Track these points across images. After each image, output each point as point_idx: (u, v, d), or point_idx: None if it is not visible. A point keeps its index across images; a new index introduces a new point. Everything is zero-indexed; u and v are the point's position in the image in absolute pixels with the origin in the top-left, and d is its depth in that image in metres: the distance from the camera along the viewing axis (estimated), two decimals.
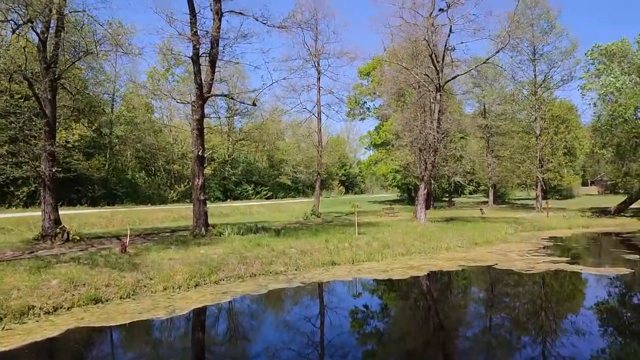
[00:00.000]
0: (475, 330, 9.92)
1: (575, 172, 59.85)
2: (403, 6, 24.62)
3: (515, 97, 39.92)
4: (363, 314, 10.87)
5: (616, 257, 17.58)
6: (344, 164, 76.47)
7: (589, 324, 9.90)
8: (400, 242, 18.18)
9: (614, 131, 29.48)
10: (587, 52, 31.81)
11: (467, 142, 43.61)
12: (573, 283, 13.82)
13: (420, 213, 26.03)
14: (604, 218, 30.92)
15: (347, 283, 13.25)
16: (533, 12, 34.24)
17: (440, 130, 25.77)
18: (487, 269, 15.21)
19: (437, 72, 24.97)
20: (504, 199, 53.90)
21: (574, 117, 52.09)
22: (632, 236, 24.52)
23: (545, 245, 20.48)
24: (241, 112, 45.53)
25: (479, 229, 23.01)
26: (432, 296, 12.81)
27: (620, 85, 27.29)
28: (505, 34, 24.48)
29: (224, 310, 10.68)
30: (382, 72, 37.79)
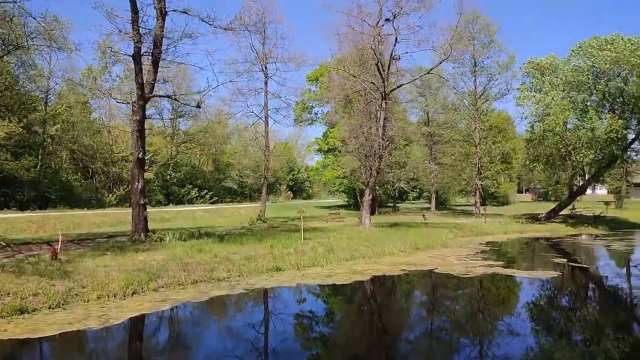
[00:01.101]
0: (417, 333, 10.16)
1: (511, 179, 63.18)
2: (351, 14, 25.02)
3: (456, 107, 41.59)
4: (307, 320, 10.83)
5: (547, 261, 18.61)
6: (292, 168, 76.47)
7: (521, 325, 10.39)
8: (345, 247, 18.33)
9: (546, 142, 31.32)
10: (521, 67, 33.69)
11: (411, 150, 44.95)
12: (508, 286, 14.48)
13: (365, 218, 26.42)
14: (536, 224, 32.70)
15: (292, 289, 13.17)
16: (474, 27, 35.89)
17: (385, 138, 26.33)
18: (428, 273, 15.63)
19: (383, 81, 25.52)
20: (446, 205, 55.81)
21: (511, 128, 55.02)
22: (560, 241, 26.11)
23: (482, 249, 21.34)
24: (186, 114, 44.45)
25: (421, 234, 23.65)
26: (376, 300, 12.99)
27: (550, 100, 29.06)
28: (448, 46, 25.43)
29: (162, 319, 10.29)
30: (330, 79, 38.19)
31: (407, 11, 24.67)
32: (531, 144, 33.70)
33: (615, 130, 27.88)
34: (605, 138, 28.49)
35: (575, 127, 30.19)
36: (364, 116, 28.62)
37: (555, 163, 32.92)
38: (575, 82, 29.64)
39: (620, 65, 27.83)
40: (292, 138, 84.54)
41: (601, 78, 29.35)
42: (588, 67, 29.18)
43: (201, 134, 45.67)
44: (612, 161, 32.21)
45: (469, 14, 33.54)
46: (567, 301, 13.17)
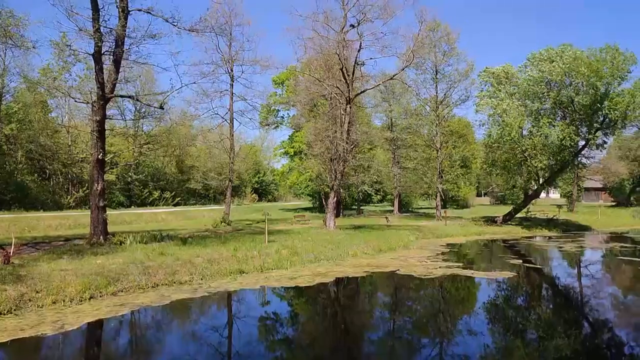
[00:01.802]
0: (380, 333, 10.39)
1: (470, 183, 64.96)
2: (316, 19, 25.27)
3: (419, 112, 42.54)
4: (271, 322, 10.89)
5: (503, 262, 19.34)
6: (258, 171, 76.03)
7: (479, 324, 10.82)
8: (309, 249, 18.47)
9: (503, 148, 32.50)
10: (479, 74, 34.84)
11: (375, 154, 45.61)
12: (467, 286, 14.99)
13: (329, 221, 26.67)
14: (494, 226, 33.84)
15: (255, 291, 13.19)
16: (435, 35, 36.87)
17: (350, 141, 26.69)
18: (390, 274, 15.98)
19: (348, 86, 25.89)
20: (409, 208, 56.90)
21: (470, 133, 56.67)
22: (516, 242, 27.17)
23: (443, 251, 21.95)
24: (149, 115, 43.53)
25: (384, 236, 24.08)
26: (339, 302, 13.18)
27: (507, 107, 30.21)
28: (410, 53, 26.08)
29: (121, 324, 10.09)
30: (296, 82, 38.36)
31: (370, 18, 25.18)
32: (489, 149, 34.89)
33: (567, 137, 29.25)
34: (558, 144, 29.85)
35: (530, 133, 31.48)
36: (329, 120, 28.94)
37: (512, 168, 34.18)
38: (529, 90, 30.94)
39: (570, 75, 29.23)
40: (258, 141, 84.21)
41: (553, 87, 30.75)
42: (541, 76, 30.50)
43: (164, 136, 44.80)
44: (564, 166, 33.75)
45: (430, 23, 34.41)
46: (522, 300, 13.76)
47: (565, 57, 29.12)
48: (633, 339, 9.85)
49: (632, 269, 18.67)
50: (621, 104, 28.18)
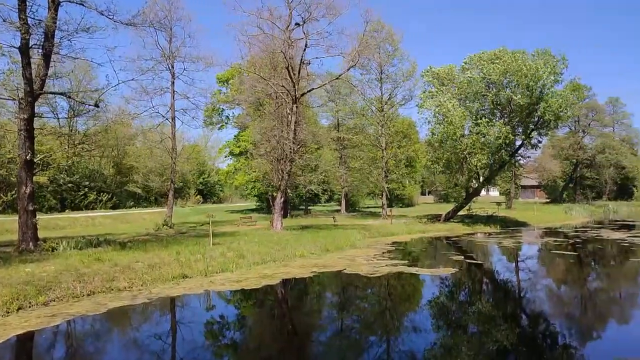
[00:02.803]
0: (328, 333, 10.25)
1: (415, 182, 66.69)
2: (261, 17, 24.84)
3: (365, 112, 43.07)
4: (217, 326, 10.49)
5: (447, 259, 19.86)
6: (202, 172, 74.09)
7: (424, 320, 10.98)
8: (255, 251, 18.08)
9: (445, 147, 33.50)
10: (422, 74, 35.73)
11: (322, 153, 45.67)
12: (412, 283, 15.20)
13: (276, 222, 26.35)
14: (437, 224, 34.80)
15: (199, 296, 12.68)
16: (379, 36, 37.45)
17: (297, 141, 26.49)
18: (337, 274, 15.93)
19: (294, 85, 25.67)
20: (355, 207, 57.49)
21: (414, 133, 58.12)
22: (459, 239, 28.05)
23: (388, 249, 22.24)
24: (84, 113, 41.22)
25: (331, 236, 24.07)
26: (287, 303, 12.94)
27: (450, 107, 31.17)
28: (355, 53, 26.25)
29: (54, 335, 9.34)
30: (241, 81, 37.64)
31: (316, 17, 25.09)
32: (432, 148, 35.87)
33: (505, 137, 30.58)
34: (496, 144, 31.15)
35: (471, 133, 32.66)
36: (276, 119, 28.57)
37: (454, 166, 35.31)
38: (470, 91, 32.10)
39: (508, 76, 30.58)
40: (202, 140, 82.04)
41: (492, 88, 32.07)
42: (481, 77, 31.73)
43: (101, 135, 42.54)
44: (502, 165, 35.31)
45: (374, 23, 34.91)
46: (465, 296, 14.12)
47: (505, 59, 30.44)
48: (566, 328, 10.34)
49: (564, 262, 19.73)
50: (554, 105, 29.80)
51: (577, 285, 15.66)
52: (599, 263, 20.33)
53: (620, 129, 71.20)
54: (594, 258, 21.47)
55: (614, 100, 70.50)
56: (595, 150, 67.19)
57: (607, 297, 13.64)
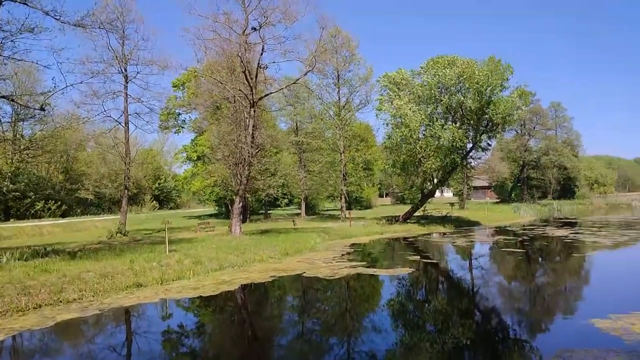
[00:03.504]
0: (289, 337, 10.24)
1: (373, 185, 67.65)
2: (217, 20, 24.57)
3: (323, 116, 43.38)
4: (175, 335, 10.25)
5: (404, 259, 20.28)
6: (158, 177, 72.13)
7: (384, 320, 11.18)
8: (213, 257, 17.83)
9: (401, 150, 34.24)
10: (378, 79, 36.42)
11: (281, 157, 45.58)
12: (371, 284, 15.43)
13: (235, 227, 26.07)
14: (394, 225, 35.45)
15: (155, 305, 12.38)
16: (336, 41, 37.88)
17: (255, 145, 26.34)
18: (297, 277, 15.95)
19: (251, 89, 25.53)
20: (315, 211, 57.64)
21: (371, 137, 59.02)
22: (415, 240, 28.71)
23: (347, 251, 22.46)
24: (29, 117, 39.28)
25: (291, 239, 24.07)
26: (246, 309, 12.82)
27: (406, 111, 31.92)
28: (312, 58, 26.43)
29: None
30: (198, 85, 37.05)
31: (272, 22, 25.08)
32: (389, 151, 36.58)
33: (457, 140, 31.61)
34: (449, 146, 32.15)
35: (425, 136, 33.54)
36: (233, 123, 28.27)
37: (410, 169, 36.13)
38: (424, 95, 32.99)
39: (460, 81, 31.67)
40: (157, 145, 79.89)
41: (445, 93, 33.11)
42: (435, 82, 32.70)
43: (48, 140, 40.60)
44: (455, 167, 36.46)
45: (331, 29, 35.30)
46: (422, 294, 14.48)
47: (458, 65, 31.51)
48: (517, 322, 10.81)
49: (514, 259, 20.58)
50: (502, 110, 31.10)
51: (525, 281, 16.38)
52: (545, 259, 21.35)
53: (562, 132, 75.06)
54: (541, 254, 22.53)
55: (556, 105, 74.33)
56: (540, 152, 70.48)
57: (554, 291, 14.34)
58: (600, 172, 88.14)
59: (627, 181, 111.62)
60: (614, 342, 8.18)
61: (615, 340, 8.33)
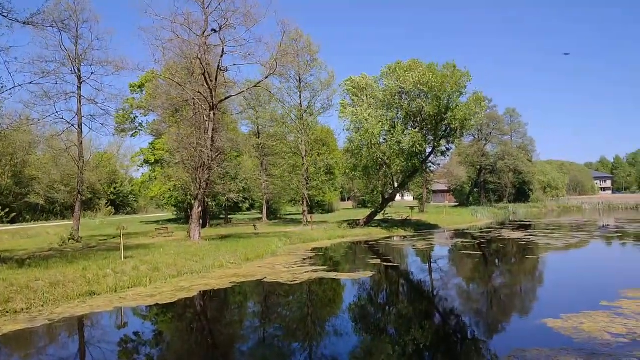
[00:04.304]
0: (250, 344, 10.04)
1: (335, 189, 67.98)
2: (175, 21, 24.04)
3: (285, 120, 43.21)
4: (131, 345, 9.87)
5: (365, 263, 20.40)
6: (113, 181, 69.78)
7: (345, 324, 11.17)
8: (171, 263, 17.35)
9: (362, 154, 34.55)
10: (340, 84, 36.69)
11: (243, 161, 45.10)
12: (333, 288, 15.42)
13: (194, 232, 25.52)
14: (356, 229, 35.66)
15: (109, 313, 11.90)
16: (298, 45, 37.84)
17: (215, 149, 25.91)
18: (257, 283, 15.74)
19: (211, 91, 25.13)
20: (277, 215, 57.32)
21: (333, 141, 59.35)
22: (376, 243, 28.98)
23: (309, 256, 22.41)
24: None
25: (252, 244, 23.78)
26: (206, 316, 12.52)
27: (367, 116, 32.25)
28: (274, 61, 26.30)
29: None
30: (156, 86, 36.14)
31: (233, 24, 24.80)
32: (351, 155, 36.85)
33: (416, 144, 32.21)
34: (409, 151, 32.71)
35: (386, 140, 33.97)
36: (193, 126, 27.74)
37: (371, 173, 36.49)
38: (385, 100, 33.46)
39: (420, 87, 32.27)
40: (113, 148, 77.35)
41: (405, 98, 33.69)
42: (396, 87, 33.21)
43: None
44: (415, 171, 37.11)
45: (292, 33, 35.27)
46: (383, 297, 14.60)
47: (417, 70, 32.11)
48: (475, 323, 11.06)
49: (471, 261, 21.12)
50: (460, 115, 31.92)
51: (483, 282, 16.81)
52: (501, 261, 22.01)
53: (517, 137, 77.88)
54: (497, 256, 23.21)
55: (511, 111, 77.11)
56: (496, 157, 72.89)
57: (509, 292, 14.80)
58: (552, 177, 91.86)
59: (577, 185, 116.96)
60: (564, 341, 8.48)
61: (565, 339, 8.64)
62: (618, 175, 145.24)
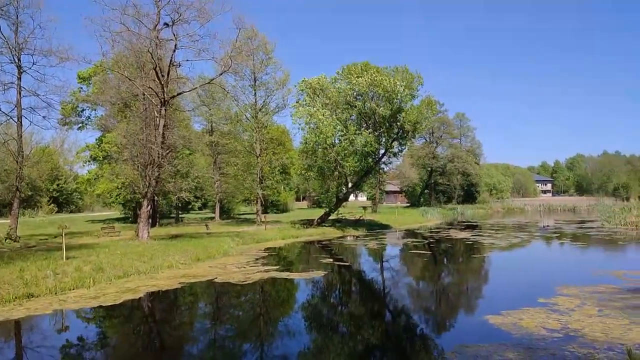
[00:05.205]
0: (200, 345, 9.83)
1: (290, 188, 67.88)
2: (125, 13, 23.20)
3: (239, 118, 42.66)
4: (73, 349, 9.38)
5: (318, 262, 20.50)
6: (57, 177, 66.47)
7: (297, 323, 11.17)
8: (117, 264, 16.71)
9: (317, 154, 34.69)
10: (295, 85, 36.66)
11: (195, 159, 44.12)
12: (285, 288, 15.38)
13: (142, 231, 24.73)
14: (310, 228, 35.74)
15: (49, 317, 11.30)
16: (253, 43, 37.42)
17: (165, 146, 25.24)
18: (207, 283, 15.45)
19: (162, 87, 24.45)
20: (230, 214, 56.53)
21: (288, 140, 59.20)
22: (329, 243, 29.19)
23: (262, 256, 22.24)
24: None
25: (203, 244, 23.32)
26: (153, 318, 12.16)
27: (321, 116, 32.41)
28: (228, 58, 25.91)
29: None
30: (104, 80, 34.75)
31: (186, 19, 24.25)
32: (305, 155, 36.91)
33: (369, 144, 32.72)
34: (362, 151, 33.18)
35: (340, 141, 34.30)
36: (143, 122, 26.86)
37: (326, 173, 36.71)
38: (339, 101, 33.76)
39: (372, 89, 32.79)
40: (56, 142, 73.69)
41: (359, 100, 34.12)
42: (350, 88, 33.58)
43: None
44: (369, 172, 37.68)
45: (247, 31, 34.88)
46: (334, 297, 14.73)
47: (370, 73, 32.59)
48: (422, 320, 11.38)
49: (421, 261, 21.69)
50: (412, 118, 32.70)
51: (431, 281, 17.31)
52: (449, 260, 22.75)
53: (466, 141, 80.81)
54: (445, 256, 23.97)
55: (461, 115, 79.88)
56: (446, 160, 75.29)
57: (456, 290, 15.32)
58: (498, 179, 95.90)
59: (521, 187, 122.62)
60: (504, 337, 8.87)
61: (505, 334, 9.03)
62: (557, 178, 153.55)
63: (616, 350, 7.85)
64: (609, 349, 7.94)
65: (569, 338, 8.62)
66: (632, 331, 8.92)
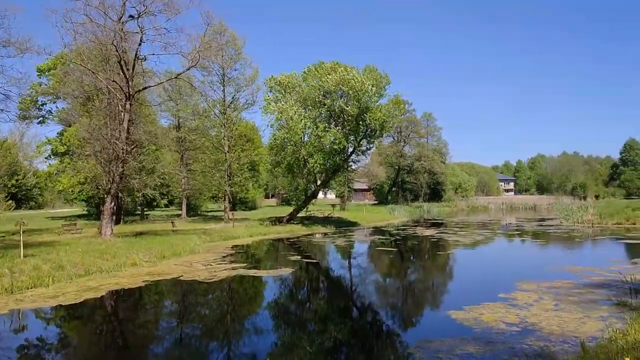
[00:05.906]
0: (165, 344, 9.66)
1: (259, 185, 67.45)
2: (89, 4, 22.49)
3: (207, 114, 42.08)
4: (30, 350, 9.05)
5: (286, 260, 20.52)
6: (14, 173, 63.92)
7: (265, 321, 11.15)
8: (78, 262, 16.24)
9: (287, 151, 34.65)
10: (264, 81, 36.45)
11: (161, 155, 43.25)
12: (253, 286, 15.34)
13: (105, 229, 24.11)
14: (278, 226, 35.69)
15: (4, 317, 10.88)
16: (222, 38, 36.98)
17: (130, 141, 24.66)
18: (172, 281, 15.22)
19: (127, 80, 23.87)
20: (197, 211, 55.72)
21: (257, 137, 58.81)
22: (298, 240, 29.21)
23: (229, 253, 22.06)
24: None
25: (169, 242, 22.92)
26: (116, 317, 11.89)
27: (292, 113, 32.38)
28: (196, 53, 25.51)
29: None
30: (66, 72, 33.58)
31: (153, 11, 23.74)
32: (274, 152, 36.80)
33: (337, 142, 32.93)
34: (331, 148, 33.37)
35: (310, 138, 34.37)
36: (107, 117, 26.14)
37: (295, 170, 36.71)
38: (309, 98, 33.81)
39: (341, 87, 32.98)
40: (14, 136, 70.75)
41: (328, 97, 34.26)
42: (319, 87, 33.66)
43: None
44: (337, 169, 37.90)
45: (217, 26, 34.44)
46: (302, 294, 14.77)
47: (339, 71, 32.75)
48: (388, 317, 11.56)
49: (388, 257, 22.01)
50: (379, 116, 33.08)
51: (398, 277, 17.60)
52: (415, 257, 23.18)
53: (433, 140, 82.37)
54: (412, 253, 24.40)
55: (428, 115, 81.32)
56: (413, 158, 76.57)
57: (421, 287, 15.64)
58: (463, 178, 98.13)
59: (484, 186, 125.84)
60: (465, 331, 9.12)
61: (466, 329, 9.29)
62: (520, 178, 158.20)
63: (570, 342, 8.19)
64: (563, 341, 8.28)
65: (527, 332, 8.95)
66: (585, 324, 9.33)
